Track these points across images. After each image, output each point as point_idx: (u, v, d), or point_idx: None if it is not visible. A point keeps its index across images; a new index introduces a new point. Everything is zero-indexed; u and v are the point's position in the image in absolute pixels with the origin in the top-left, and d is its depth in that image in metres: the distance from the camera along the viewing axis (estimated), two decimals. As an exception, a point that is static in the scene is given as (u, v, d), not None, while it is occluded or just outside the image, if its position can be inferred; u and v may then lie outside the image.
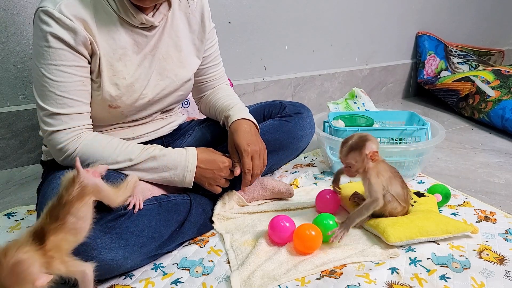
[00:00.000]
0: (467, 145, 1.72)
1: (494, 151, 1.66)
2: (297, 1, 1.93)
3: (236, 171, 1.04)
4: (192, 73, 1.11)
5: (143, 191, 0.97)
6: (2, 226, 1.13)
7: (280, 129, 1.19)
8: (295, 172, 1.43)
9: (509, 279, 0.89)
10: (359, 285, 0.87)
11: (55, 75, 0.89)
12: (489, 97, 1.93)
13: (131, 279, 0.91)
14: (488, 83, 2.00)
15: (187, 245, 1.02)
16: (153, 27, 1.00)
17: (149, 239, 0.90)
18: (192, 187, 1.02)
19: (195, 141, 1.22)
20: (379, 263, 0.94)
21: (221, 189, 1.07)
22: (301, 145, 1.25)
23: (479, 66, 2.42)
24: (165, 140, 1.17)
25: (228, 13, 1.78)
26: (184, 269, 0.94)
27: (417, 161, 1.34)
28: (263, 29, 1.89)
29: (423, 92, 2.44)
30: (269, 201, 1.23)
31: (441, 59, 2.40)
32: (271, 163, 1.21)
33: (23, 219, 1.17)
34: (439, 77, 2.31)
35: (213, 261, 0.96)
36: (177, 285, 0.89)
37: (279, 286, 0.88)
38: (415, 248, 0.99)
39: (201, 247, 1.02)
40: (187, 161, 0.99)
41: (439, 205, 1.18)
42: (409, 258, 0.96)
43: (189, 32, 1.09)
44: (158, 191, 1.02)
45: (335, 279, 0.89)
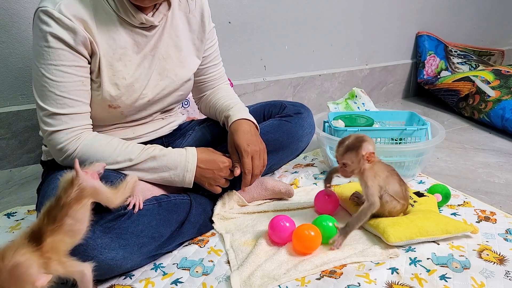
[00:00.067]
0: (467, 145, 1.72)
1: (494, 151, 1.66)
2: (297, 1, 1.93)
3: (236, 171, 1.04)
4: (192, 73, 1.11)
5: (143, 191, 0.97)
6: (2, 226, 1.13)
7: (280, 129, 1.19)
8: (295, 172, 1.43)
9: (509, 279, 0.89)
10: (359, 285, 0.87)
11: (55, 75, 0.89)
12: (489, 97, 1.93)
13: (131, 279, 0.91)
14: (488, 83, 2.00)
15: (187, 245, 1.02)
16: (153, 27, 1.00)
17: (149, 239, 0.90)
18: (192, 187, 1.02)
19: (195, 141, 1.22)
20: (379, 263, 0.94)
21: (221, 189, 1.07)
22: (301, 145, 1.25)
23: (479, 66, 2.42)
24: (165, 140, 1.17)
25: (228, 13, 1.78)
26: (184, 269, 0.94)
27: (417, 161, 1.34)
28: (263, 29, 1.89)
29: (423, 92, 2.44)
30: (269, 201, 1.23)
31: (441, 59, 2.39)
32: (271, 163, 1.20)
33: (23, 219, 1.17)
34: (439, 77, 2.31)
35: (213, 261, 0.96)
36: (177, 285, 0.89)
37: (279, 286, 0.88)
38: (415, 248, 0.99)
39: (201, 247, 1.02)
40: (187, 161, 0.99)
41: (439, 205, 1.18)
42: (409, 258, 0.96)
43: (189, 32, 1.09)
44: (158, 191, 1.02)
45: (335, 279, 0.89)
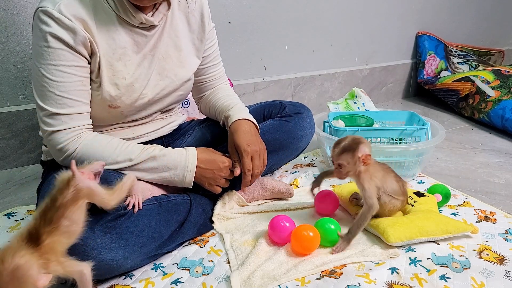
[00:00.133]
0: (467, 145, 1.72)
1: (494, 151, 1.66)
2: (297, 1, 1.93)
3: (236, 171, 1.04)
4: (191, 73, 1.11)
5: (143, 191, 0.97)
6: (2, 226, 1.13)
7: (280, 129, 1.19)
8: (295, 172, 1.43)
9: (509, 279, 0.89)
10: (359, 285, 0.87)
11: (54, 75, 0.89)
12: (489, 97, 1.93)
13: (131, 279, 0.91)
14: (488, 83, 2.00)
15: (187, 245, 1.02)
16: (152, 27, 1.00)
17: (149, 239, 0.90)
18: (192, 187, 1.02)
19: (195, 141, 1.22)
20: (379, 263, 0.94)
21: (221, 189, 1.07)
22: (301, 145, 1.25)
23: (479, 66, 2.42)
24: (165, 140, 1.17)
25: (228, 13, 1.78)
26: (184, 269, 0.94)
27: (417, 161, 1.34)
28: (263, 29, 1.89)
29: (423, 92, 2.44)
30: (269, 201, 1.23)
31: (441, 59, 2.39)
32: (271, 163, 1.20)
33: (23, 219, 1.17)
34: (439, 77, 2.31)
35: (213, 261, 0.96)
36: (177, 285, 0.89)
37: (279, 286, 0.88)
38: (415, 248, 0.99)
39: (201, 247, 1.02)
40: (187, 161, 0.99)
41: (439, 205, 1.18)
42: (409, 258, 0.96)
43: (189, 31, 1.09)
44: (158, 191, 1.02)
45: (335, 279, 0.89)
